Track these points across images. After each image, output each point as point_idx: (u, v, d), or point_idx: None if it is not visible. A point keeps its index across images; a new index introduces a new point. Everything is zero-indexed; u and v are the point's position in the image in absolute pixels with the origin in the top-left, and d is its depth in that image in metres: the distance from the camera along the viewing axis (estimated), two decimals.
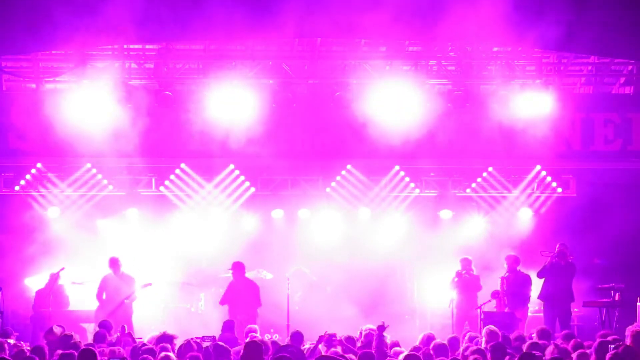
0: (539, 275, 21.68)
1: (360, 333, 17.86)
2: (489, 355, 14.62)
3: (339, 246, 24.95)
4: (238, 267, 22.33)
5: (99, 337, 17.24)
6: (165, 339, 16.32)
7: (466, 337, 17.26)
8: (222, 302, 22.35)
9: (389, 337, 16.90)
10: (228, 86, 22.91)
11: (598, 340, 15.41)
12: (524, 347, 15.72)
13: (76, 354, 14.03)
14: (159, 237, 24.56)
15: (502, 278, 21.93)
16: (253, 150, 24.01)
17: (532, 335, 17.46)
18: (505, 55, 23.68)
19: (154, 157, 24.26)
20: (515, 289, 21.72)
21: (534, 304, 22.51)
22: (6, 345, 15.96)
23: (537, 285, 21.89)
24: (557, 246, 21.78)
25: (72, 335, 16.80)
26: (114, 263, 22.00)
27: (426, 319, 23.90)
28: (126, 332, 17.63)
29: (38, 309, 22.15)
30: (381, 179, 24.92)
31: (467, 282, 22.47)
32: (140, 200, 24.68)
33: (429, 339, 16.40)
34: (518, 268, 21.99)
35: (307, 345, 16.97)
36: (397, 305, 24.34)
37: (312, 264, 24.74)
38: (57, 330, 17.29)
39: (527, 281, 21.89)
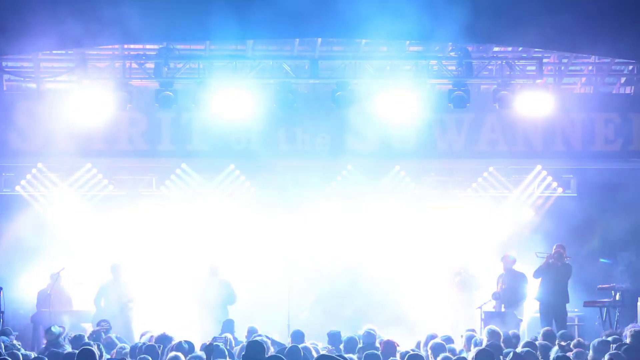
0: (535, 276, 21.77)
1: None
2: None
3: (340, 246, 24.98)
4: None
5: (94, 337, 17.30)
6: (163, 340, 16.34)
7: (464, 337, 17.31)
8: None
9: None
10: (228, 86, 22.90)
11: (599, 338, 15.50)
12: (519, 347, 15.77)
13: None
14: (159, 236, 24.58)
15: (499, 277, 22.05)
16: (253, 150, 24.03)
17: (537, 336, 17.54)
18: (505, 55, 23.68)
19: (154, 157, 24.29)
20: (511, 288, 21.80)
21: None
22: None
23: (533, 285, 21.95)
24: (554, 247, 21.84)
25: (82, 336, 16.89)
26: (115, 269, 22.22)
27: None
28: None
29: (40, 309, 22.21)
30: (381, 178, 24.92)
31: (466, 282, 22.54)
32: (140, 200, 24.68)
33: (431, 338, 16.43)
34: (514, 267, 22.10)
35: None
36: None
37: (312, 262, 24.78)
38: (56, 330, 17.31)
39: (523, 280, 21.98)
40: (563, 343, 15.99)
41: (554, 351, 15.47)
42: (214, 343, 15.81)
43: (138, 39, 21.27)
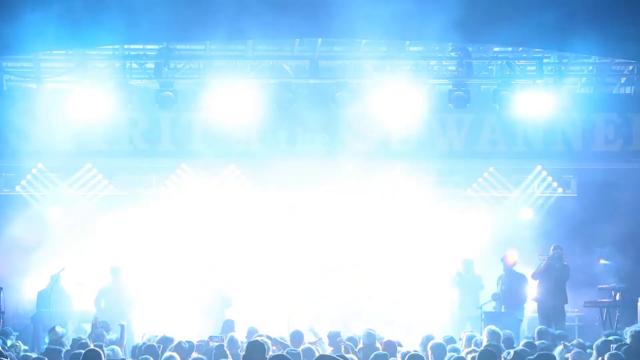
0: (534, 277, 21.77)
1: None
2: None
3: (340, 246, 24.99)
4: None
5: (96, 337, 17.30)
6: (164, 341, 16.34)
7: (464, 338, 17.31)
8: None
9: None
10: (228, 86, 22.89)
11: (602, 338, 15.49)
12: (519, 346, 15.76)
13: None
14: (159, 236, 24.57)
15: (499, 278, 22.06)
16: (253, 150, 24.02)
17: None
18: (505, 55, 23.68)
19: (154, 157, 24.29)
20: (511, 288, 21.81)
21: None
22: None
23: (532, 286, 21.96)
24: (552, 248, 21.83)
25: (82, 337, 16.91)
26: (115, 271, 22.24)
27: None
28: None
29: (40, 309, 22.21)
30: (381, 178, 24.92)
31: (468, 282, 22.55)
32: (140, 200, 24.69)
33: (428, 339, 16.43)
34: (514, 268, 22.10)
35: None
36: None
37: (312, 262, 24.81)
38: (60, 330, 17.32)
39: (523, 281, 21.98)
40: (568, 343, 16.02)
41: (557, 350, 15.48)
42: (211, 343, 15.86)
43: (138, 39, 21.30)
